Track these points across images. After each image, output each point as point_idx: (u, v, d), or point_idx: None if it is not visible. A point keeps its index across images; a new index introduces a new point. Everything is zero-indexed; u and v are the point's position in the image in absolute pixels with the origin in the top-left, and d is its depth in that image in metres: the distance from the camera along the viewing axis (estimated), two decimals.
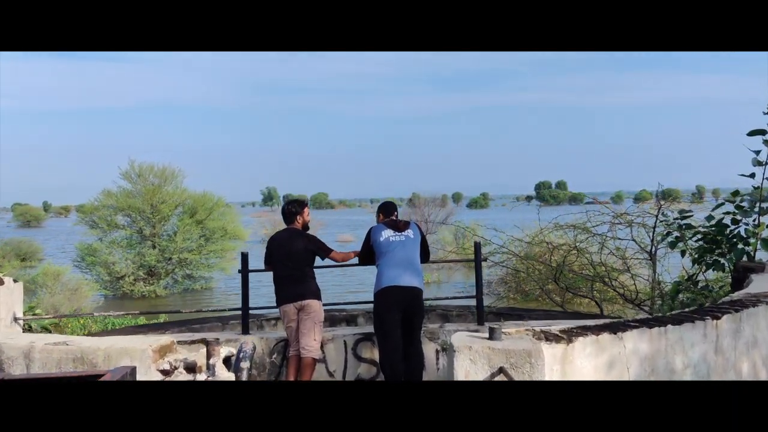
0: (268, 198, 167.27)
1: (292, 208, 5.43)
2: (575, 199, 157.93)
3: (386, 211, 5.40)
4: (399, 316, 4.86)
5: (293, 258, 5.20)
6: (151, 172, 20.43)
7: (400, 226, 5.17)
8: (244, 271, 5.82)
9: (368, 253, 5.26)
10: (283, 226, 5.51)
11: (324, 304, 5.37)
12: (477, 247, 6.07)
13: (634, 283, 5.75)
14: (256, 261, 5.76)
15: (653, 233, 5.69)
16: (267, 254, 5.39)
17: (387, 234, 5.10)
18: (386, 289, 4.89)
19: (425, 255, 5.26)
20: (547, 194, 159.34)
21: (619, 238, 5.87)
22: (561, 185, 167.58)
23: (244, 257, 5.84)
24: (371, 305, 5.76)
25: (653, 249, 5.71)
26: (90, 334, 9.25)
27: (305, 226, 5.43)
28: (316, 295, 5.21)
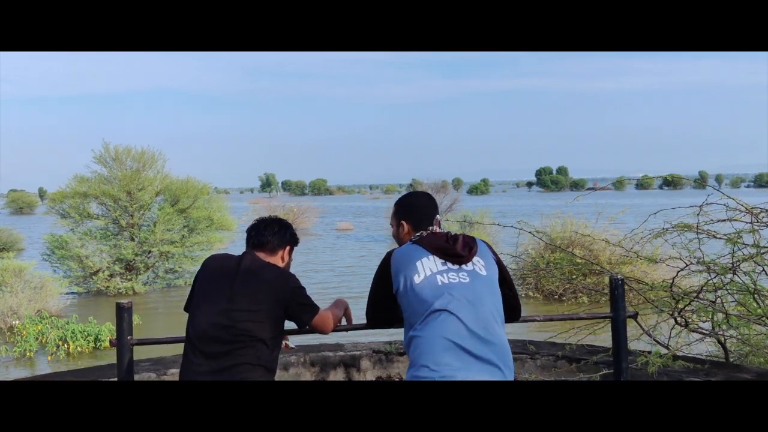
0: (267, 184, 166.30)
1: (283, 232, 2.69)
2: (576, 185, 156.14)
3: (420, 214, 2.48)
4: None
5: (235, 316, 2.42)
6: (129, 155, 18.33)
7: (459, 252, 2.29)
8: (122, 342, 2.79)
9: (388, 309, 2.46)
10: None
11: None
12: (617, 287, 2.80)
13: None
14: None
15: None
16: (190, 296, 2.62)
17: (430, 268, 2.26)
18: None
19: (512, 308, 2.44)
20: (548, 180, 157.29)
21: (763, 246, 3.79)
22: (562, 171, 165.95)
23: (121, 312, 2.79)
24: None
25: None
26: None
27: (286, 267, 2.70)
28: None
